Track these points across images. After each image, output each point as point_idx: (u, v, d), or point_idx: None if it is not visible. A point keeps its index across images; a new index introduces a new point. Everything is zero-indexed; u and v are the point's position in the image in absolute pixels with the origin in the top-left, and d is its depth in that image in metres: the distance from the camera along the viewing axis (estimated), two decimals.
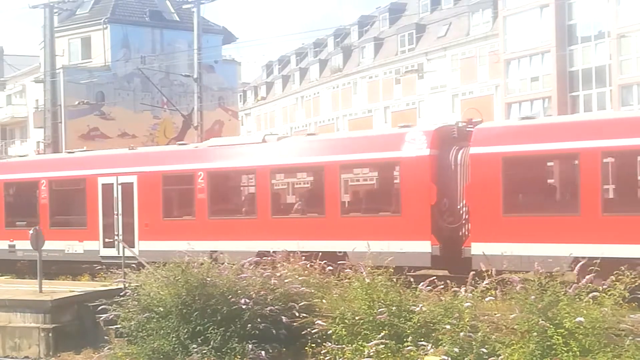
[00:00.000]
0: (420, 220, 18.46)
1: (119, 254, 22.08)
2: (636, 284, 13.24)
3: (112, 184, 23.93)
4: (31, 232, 20.39)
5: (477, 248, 17.40)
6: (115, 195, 23.82)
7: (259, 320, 15.05)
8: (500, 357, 12.79)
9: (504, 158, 17.58)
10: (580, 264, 14.24)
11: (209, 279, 15.71)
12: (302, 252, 18.01)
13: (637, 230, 15.98)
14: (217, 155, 22.62)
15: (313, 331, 14.68)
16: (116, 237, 23.39)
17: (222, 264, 16.57)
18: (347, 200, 20.93)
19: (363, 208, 20.72)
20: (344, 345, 14.21)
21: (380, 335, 13.68)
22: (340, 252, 19.02)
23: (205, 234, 21.66)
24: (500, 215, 17.49)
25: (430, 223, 18.38)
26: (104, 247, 24.07)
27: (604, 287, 12.94)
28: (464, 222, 18.43)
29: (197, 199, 22.34)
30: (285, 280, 15.98)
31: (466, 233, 18.28)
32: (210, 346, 14.93)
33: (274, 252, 17.93)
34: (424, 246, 18.37)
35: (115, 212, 23.78)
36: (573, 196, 17.29)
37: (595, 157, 16.52)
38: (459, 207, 18.50)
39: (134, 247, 22.53)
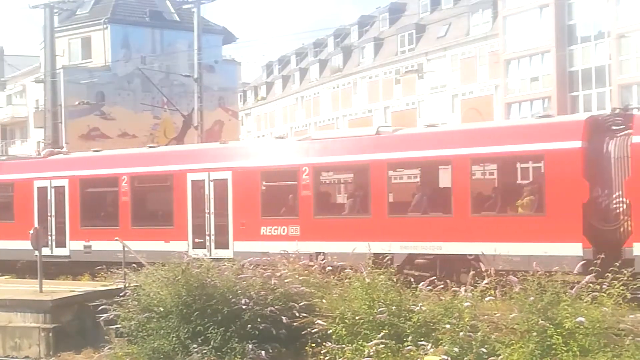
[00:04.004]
0: None
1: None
2: None
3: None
4: (31, 232, 20.39)
5: None
6: None
7: (259, 320, 15.07)
8: (500, 357, 12.80)
9: None
10: None
11: (209, 279, 15.74)
12: None
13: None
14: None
15: (313, 331, 14.70)
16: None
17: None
18: None
19: None
20: (344, 345, 14.22)
21: (380, 335, 13.70)
22: None
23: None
24: None
25: None
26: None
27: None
28: None
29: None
30: (286, 280, 15.99)
31: None
32: (210, 346, 14.94)
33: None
34: None
35: None
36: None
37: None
38: None
39: None
